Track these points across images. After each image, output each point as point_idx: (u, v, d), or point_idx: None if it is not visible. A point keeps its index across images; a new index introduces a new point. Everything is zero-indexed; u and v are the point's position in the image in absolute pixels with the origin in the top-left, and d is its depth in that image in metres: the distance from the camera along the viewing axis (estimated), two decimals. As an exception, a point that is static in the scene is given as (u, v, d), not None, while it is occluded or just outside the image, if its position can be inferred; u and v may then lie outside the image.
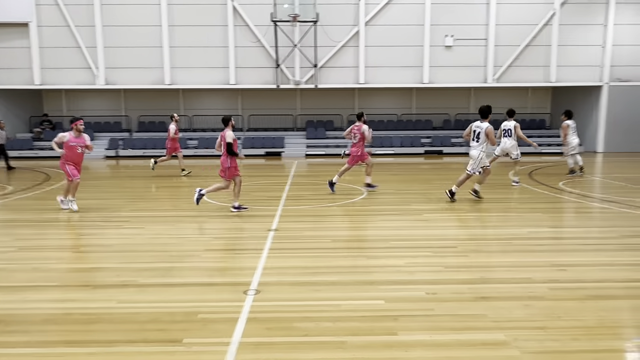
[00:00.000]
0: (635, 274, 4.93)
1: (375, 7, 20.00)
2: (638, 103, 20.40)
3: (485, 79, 20.70)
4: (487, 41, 20.37)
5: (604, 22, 20.48)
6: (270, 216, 7.78)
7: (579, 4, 20.28)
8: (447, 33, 20.22)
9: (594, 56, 20.75)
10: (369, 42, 20.29)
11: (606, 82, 20.74)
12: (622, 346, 3.44)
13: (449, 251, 5.75)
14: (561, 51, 20.52)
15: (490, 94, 23.61)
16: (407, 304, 4.08)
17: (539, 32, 20.32)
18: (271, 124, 23.38)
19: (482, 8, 20.21)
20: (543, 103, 24.37)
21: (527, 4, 20.21)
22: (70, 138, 8.08)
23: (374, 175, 10.72)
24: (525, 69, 20.59)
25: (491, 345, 3.36)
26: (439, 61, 20.48)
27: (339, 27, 20.09)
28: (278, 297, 4.28)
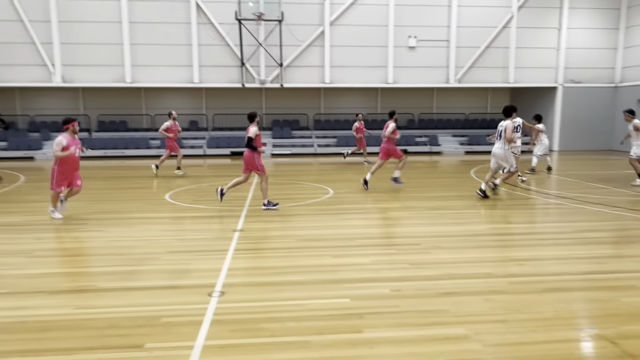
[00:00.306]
0: (589, 267, 5.15)
1: (340, 7, 20.12)
2: (590, 103, 21.39)
3: (447, 80, 21.19)
4: (448, 43, 20.86)
5: (558, 26, 21.37)
6: (236, 216, 7.69)
7: (535, 8, 21.07)
8: (410, 34, 20.59)
9: (549, 58, 21.62)
10: (334, 42, 20.40)
11: (560, 83, 21.64)
12: (577, 336, 3.58)
13: (412, 248, 5.84)
14: (519, 53, 21.27)
15: (452, 94, 24.23)
16: (372, 302, 4.11)
17: (497, 35, 20.99)
18: (236, 123, 23.10)
19: (443, 10, 20.68)
20: (502, 103, 25.04)
21: (487, 7, 20.82)
22: (67, 142, 7.25)
23: (357, 173, 10.74)
24: (485, 70, 21.22)
25: (454, 340, 3.43)
26: (403, 62, 20.82)
27: (304, 27, 20.10)
28: (243, 298, 4.23)
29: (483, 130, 23.53)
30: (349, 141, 21.57)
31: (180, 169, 13.47)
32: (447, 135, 23.10)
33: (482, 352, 3.25)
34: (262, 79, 20.23)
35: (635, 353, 3.23)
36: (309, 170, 15.42)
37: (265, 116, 23.37)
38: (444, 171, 15.25)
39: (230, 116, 22.98)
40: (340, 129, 23.05)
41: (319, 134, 22.58)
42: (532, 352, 3.25)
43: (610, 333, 3.55)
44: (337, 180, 12.23)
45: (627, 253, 5.76)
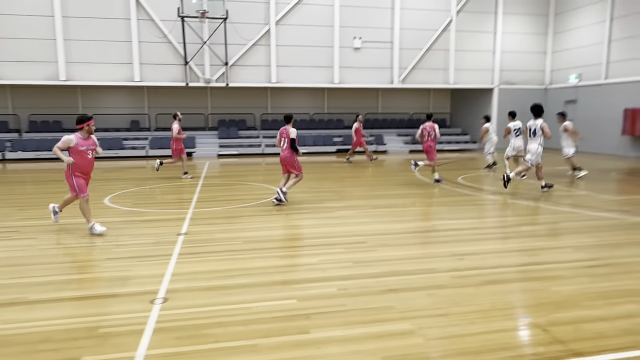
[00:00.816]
0: (523, 259, 5.45)
1: (286, 7, 20.07)
2: (523, 104, 22.55)
3: (391, 80, 21.70)
4: (392, 44, 21.36)
5: (493, 30, 22.46)
6: (180, 219, 7.48)
7: (472, 12, 22.02)
8: (355, 35, 20.89)
9: (486, 61, 22.68)
10: (281, 42, 20.32)
11: (496, 85, 22.76)
12: (512, 325, 3.77)
13: (359, 247, 5.93)
14: (458, 56, 22.15)
15: (396, 95, 24.85)
16: (319, 302, 4.13)
17: (438, 37, 21.75)
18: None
19: (387, 12, 21.15)
20: (443, 104, 26.12)
21: (427, 10, 21.52)
22: (78, 141, 6.56)
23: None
24: (427, 71, 21.93)
25: (398, 335, 3.51)
26: (349, 62, 21.09)
27: (249, 25, 19.87)
28: (187, 304, 4.11)
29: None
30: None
31: (187, 173, 12.86)
32: (392, 135, 23.66)
33: (425, 346, 3.36)
34: (207, 78, 19.80)
35: (564, 339, 3.46)
36: (256, 171, 15.28)
37: (211, 116, 22.90)
38: (390, 170, 15.59)
39: (174, 116, 22.32)
40: (288, 128, 23.02)
41: (267, 134, 22.40)
42: (472, 344, 3.40)
43: (542, 321, 3.78)
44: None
45: (557, 245, 6.15)
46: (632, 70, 18.59)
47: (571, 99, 21.52)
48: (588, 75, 20.74)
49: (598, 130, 19.58)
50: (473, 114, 24.00)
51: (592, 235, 6.55)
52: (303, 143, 21.53)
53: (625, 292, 4.40)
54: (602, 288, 4.49)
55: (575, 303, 4.13)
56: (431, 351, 3.30)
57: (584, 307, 4.03)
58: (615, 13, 19.36)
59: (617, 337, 3.49)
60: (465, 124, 24.89)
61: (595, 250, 5.81)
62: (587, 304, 4.11)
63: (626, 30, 18.87)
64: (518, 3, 22.46)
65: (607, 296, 4.28)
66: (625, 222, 7.30)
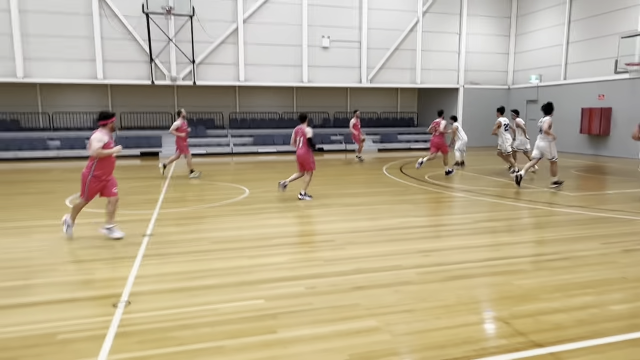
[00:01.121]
0: (487, 254, 5.59)
1: (254, 5, 19.91)
2: (487, 103, 23.21)
3: (360, 80, 21.86)
4: (360, 44, 21.52)
5: (458, 31, 22.96)
6: (146, 220, 7.31)
7: (438, 13, 22.44)
8: (323, 34, 20.93)
9: (451, 61, 23.16)
10: (249, 40, 20.15)
11: (462, 84, 23.28)
12: (476, 319, 3.86)
13: (327, 245, 5.94)
14: (425, 56, 22.53)
15: (364, 94, 25.05)
16: (287, 301, 4.12)
17: (405, 38, 22.05)
18: (147, 122, 22.01)
19: (355, 12, 21.29)
20: (411, 103, 26.52)
21: (395, 11, 21.79)
22: (108, 141, 6.10)
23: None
24: (394, 71, 22.20)
25: (365, 333, 3.54)
26: (317, 61, 21.12)
27: (216, 23, 19.62)
28: (152, 306, 4.02)
29: (394, 128, 24.65)
30: (265, 140, 21.48)
31: (194, 171, 12.63)
32: (361, 134, 23.84)
33: (391, 342, 3.39)
34: (173, 76, 19.42)
35: (524, 331, 3.56)
36: (225, 170, 15.09)
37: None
38: (358, 168, 15.70)
39: (140, 114, 21.81)
40: (257, 127, 22.87)
41: (235, 133, 22.19)
42: (437, 338, 3.46)
43: (504, 314, 3.88)
44: (254, 180, 12.11)
45: (518, 240, 6.34)
46: (588, 71, 19.37)
47: (532, 99, 22.23)
48: (548, 76, 21.48)
49: (558, 129, 20.13)
50: (451, 115, 24.46)
51: (552, 230, 6.79)
52: (272, 142, 21.44)
53: (582, 284, 4.57)
54: (561, 281, 4.66)
55: (536, 296, 4.26)
56: (397, 347, 3.33)
57: (543, 300, 4.17)
58: (573, 16, 20.12)
59: (574, 327, 3.63)
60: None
61: (555, 244, 6.02)
62: (546, 296, 4.25)
63: (583, 33, 19.64)
64: (482, 5, 23.03)
65: (565, 289, 4.44)
66: (583, 217, 7.60)
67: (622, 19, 17.73)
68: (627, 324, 3.70)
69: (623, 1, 17.74)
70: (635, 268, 5.14)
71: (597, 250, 5.75)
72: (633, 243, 6.10)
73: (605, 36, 18.36)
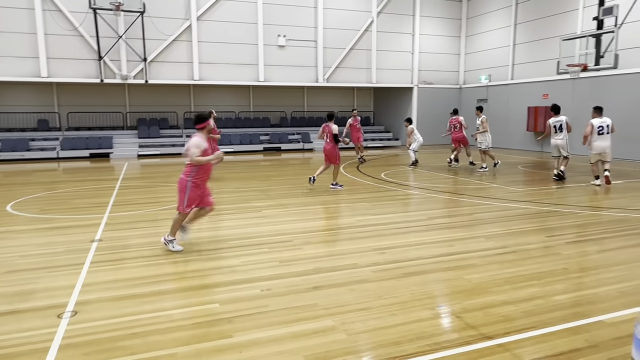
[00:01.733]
0: (440, 250, 5.74)
1: (207, 2, 19.53)
2: (440, 102, 23.86)
3: (316, 79, 21.91)
4: (316, 43, 21.57)
5: (412, 31, 23.45)
6: (95, 225, 7.01)
7: (391, 14, 22.83)
8: (279, 33, 20.82)
9: (405, 61, 23.63)
10: (203, 38, 19.75)
11: (415, 84, 23.80)
12: (429, 315, 3.95)
13: (284, 245, 5.91)
14: (380, 55, 22.86)
15: (321, 93, 25.14)
16: (243, 304, 4.06)
17: (360, 37, 22.29)
18: (96, 123, 21.15)
19: (310, 11, 21.31)
20: (367, 102, 26.86)
21: (350, 11, 21.98)
22: (207, 147, 5.63)
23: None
24: (350, 70, 22.40)
25: (321, 333, 3.54)
26: (273, 60, 20.99)
27: (169, 20, 19.10)
28: (100, 315, 3.85)
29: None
30: (222, 140, 21.11)
31: None
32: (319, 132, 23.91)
33: (347, 341, 3.41)
34: (123, 75, 18.74)
35: (475, 324, 3.68)
36: (180, 171, 14.68)
37: (130, 114, 21.74)
38: (316, 167, 15.72)
39: (89, 114, 20.91)
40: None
41: (191, 133, 21.65)
42: (392, 335, 3.51)
43: (456, 308, 3.99)
44: (210, 180, 11.86)
45: (470, 235, 6.54)
46: (533, 71, 20.29)
47: (483, 98, 23.04)
48: (497, 76, 22.33)
49: (506, 127, 21.17)
50: (395, 112, 24.94)
51: (501, 224, 7.05)
52: (228, 142, 21.13)
53: (529, 276, 4.77)
54: (509, 274, 4.85)
55: (485, 289, 4.41)
56: (353, 346, 3.36)
57: (492, 293, 4.32)
58: (519, 19, 21.01)
59: (521, 318, 3.78)
60: (387, 122, 25.78)
61: (503, 238, 6.26)
62: (495, 289, 4.41)
63: (528, 35, 20.55)
64: (433, 7, 23.63)
65: (513, 281, 4.62)
66: (530, 212, 7.94)
67: (563, 22, 18.69)
68: (569, 313, 3.90)
69: (564, 5, 18.70)
70: (576, 259, 5.43)
71: (542, 243, 6.03)
72: (575, 235, 6.44)
73: (548, 38, 19.29)
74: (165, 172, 14.18)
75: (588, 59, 15.08)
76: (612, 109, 15.67)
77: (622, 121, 15.96)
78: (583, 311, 3.92)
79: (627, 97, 16.27)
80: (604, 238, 6.26)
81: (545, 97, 19.50)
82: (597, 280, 4.69)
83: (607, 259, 5.37)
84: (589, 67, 15.03)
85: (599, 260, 5.39)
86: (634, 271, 4.94)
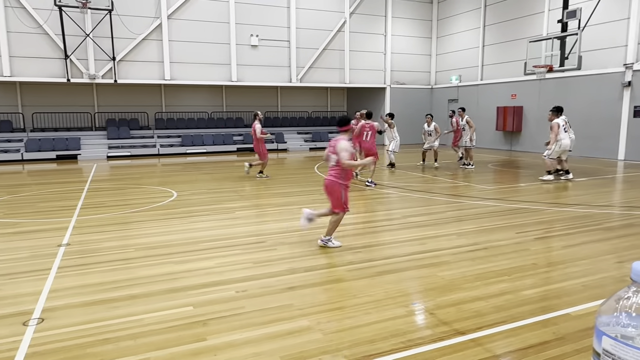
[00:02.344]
0: (413, 248, 5.81)
1: (178, 1, 19.25)
2: (412, 102, 24.20)
3: (290, 79, 21.87)
4: (289, 43, 21.53)
5: (384, 32, 23.68)
6: (62, 229, 6.81)
7: (364, 15, 23.01)
8: (252, 32, 20.70)
9: (378, 61, 23.85)
10: (174, 37, 19.45)
11: (388, 84, 24.04)
12: (403, 312, 3.99)
13: (258, 246, 5.88)
14: (353, 56, 23.01)
15: (295, 93, 25.12)
16: (217, 306, 4.01)
17: (333, 38, 22.38)
18: (63, 123, 20.55)
19: (283, 11, 21.26)
20: (340, 102, 27.00)
21: (322, 11, 22.04)
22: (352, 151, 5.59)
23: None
24: (324, 70, 22.47)
25: (297, 333, 3.53)
26: (246, 60, 20.85)
27: (138, 18, 18.73)
28: (68, 322, 3.74)
29: (325, 127, 24.95)
30: (194, 140, 20.86)
31: (263, 172, 12.27)
32: (293, 133, 23.89)
33: (322, 341, 3.42)
34: (91, 74, 18.27)
35: (448, 320, 3.74)
36: (151, 173, 14.44)
37: (99, 115, 21.21)
38: (290, 168, 15.72)
39: (55, 115, 20.30)
40: (185, 127, 22.16)
41: (162, 134, 21.34)
42: (367, 333, 3.53)
43: (429, 305, 4.05)
44: (182, 182, 11.72)
45: (442, 233, 6.65)
46: (502, 72, 20.80)
47: (453, 98, 23.47)
48: (467, 77, 22.79)
49: (476, 127, 21.57)
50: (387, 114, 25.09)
51: (473, 222, 7.20)
52: (201, 143, 20.88)
53: (499, 272, 4.89)
54: (480, 270, 4.95)
55: (458, 286, 4.49)
56: (328, 345, 3.36)
57: (464, 289, 4.40)
58: (487, 21, 21.50)
59: (492, 313, 3.87)
60: (361, 122, 25.93)
61: (475, 235, 6.39)
62: (467, 285, 4.49)
63: (496, 37, 21.05)
64: (405, 8, 23.93)
65: (484, 277, 4.72)
66: (500, 209, 8.14)
67: (530, 24, 19.22)
68: (537, 307, 4.01)
69: (531, 8, 19.24)
70: (544, 255, 5.59)
71: (512, 239, 6.18)
72: (543, 231, 6.63)
73: (515, 40, 19.81)
74: (136, 174, 13.89)
75: (553, 60, 15.56)
76: (576, 108, 16.22)
77: (585, 120, 16.54)
78: (550, 305, 4.04)
79: (589, 97, 16.88)
80: (569, 234, 6.47)
81: (513, 97, 20.02)
82: (564, 274, 4.85)
83: (572, 254, 5.56)
84: (554, 68, 15.51)
85: (565, 255, 5.56)
86: (597, 265, 5.12)
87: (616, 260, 5.28)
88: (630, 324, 0.66)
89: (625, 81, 15.73)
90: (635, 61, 15.58)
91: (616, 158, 16.27)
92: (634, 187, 10.45)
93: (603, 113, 16.48)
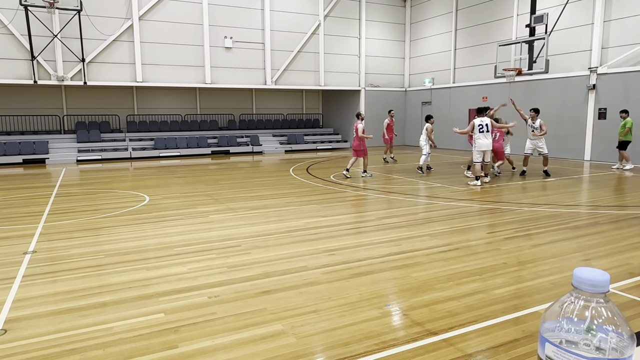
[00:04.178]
0: (387, 250, 5.85)
1: (150, 2, 18.93)
2: (387, 105, 24.42)
3: (265, 81, 21.79)
4: (264, 45, 21.45)
5: (358, 35, 23.85)
6: (28, 236, 6.59)
7: (338, 17, 23.13)
8: (226, 34, 20.54)
9: (352, 64, 24.00)
10: (146, 38, 19.12)
11: (363, 87, 24.22)
12: (377, 314, 4.01)
13: (232, 251, 5.81)
14: (327, 58, 23.09)
15: (270, 96, 25.04)
16: (189, 312, 3.95)
17: (308, 40, 22.41)
18: (30, 127, 19.94)
19: (257, 13, 21.18)
20: (315, 104, 27.04)
21: (297, 14, 22.05)
22: None
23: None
24: (298, 73, 22.47)
25: (270, 338, 3.50)
26: (220, 62, 20.67)
27: (109, 19, 18.35)
28: (33, 333, 3.61)
29: (300, 129, 24.96)
30: (167, 143, 20.55)
31: (367, 171, 12.79)
32: (268, 135, 23.80)
33: (296, 345, 3.40)
34: (60, 76, 17.77)
35: (421, 320, 3.77)
36: (123, 177, 14.13)
37: (68, 118, 20.66)
38: (265, 170, 15.64)
39: (21, 117, 19.67)
40: (158, 130, 21.80)
41: (134, 137, 20.93)
42: (341, 336, 3.53)
43: (403, 306, 4.08)
44: (155, 186, 11.51)
45: (416, 234, 6.73)
46: (473, 75, 21.22)
47: (427, 101, 23.81)
48: (440, 79, 23.15)
49: (449, 128, 21.95)
50: (343, 114, 25.24)
51: (445, 223, 7.30)
52: (175, 146, 20.57)
53: (471, 272, 4.97)
54: (453, 270, 5.02)
55: (431, 286, 4.54)
56: (302, 349, 3.35)
57: (437, 290, 4.46)
58: (459, 25, 21.91)
59: (464, 313, 3.92)
60: (336, 124, 26.05)
61: (447, 236, 6.48)
62: (440, 286, 4.55)
63: (467, 41, 21.48)
64: (378, 12, 24.17)
65: (456, 277, 4.79)
66: (471, 210, 8.28)
67: (500, 28, 19.68)
68: (508, 305, 4.09)
69: (500, 13, 19.70)
70: (514, 254, 5.71)
71: (483, 239, 6.30)
72: (513, 231, 6.78)
73: (486, 44, 20.24)
74: (107, 178, 13.57)
75: (522, 63, 15.97)
76: (544, 110, 16.67)
77: (553, 122, 17.02)
78: (521, 303, 4.13)
79: (557, 100, 17.38)
80: (539, 233, 6.63)
81: (484, 99, 20.44)
82: (533, 273, 4.96)
83: (541, 253, 5.69)
84: (523, 71, 15.91)
85: (535, 254, 5.70)
86: (565, 263, 5.26)
87: (583, 258, 5.44)
88: (572, 329, 0.67)
89: (590, 84, 16.27)
90: (599, 65, 16.13)
91: (583, 158, 16.80)
92: (599, 187, 10.80)
93: (570, 115, 16.99)
